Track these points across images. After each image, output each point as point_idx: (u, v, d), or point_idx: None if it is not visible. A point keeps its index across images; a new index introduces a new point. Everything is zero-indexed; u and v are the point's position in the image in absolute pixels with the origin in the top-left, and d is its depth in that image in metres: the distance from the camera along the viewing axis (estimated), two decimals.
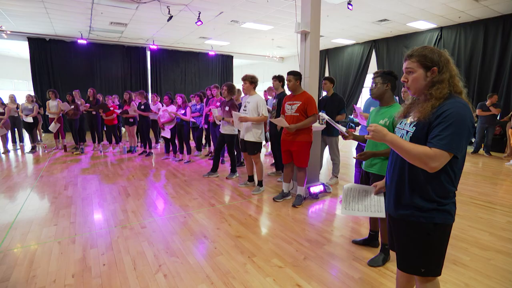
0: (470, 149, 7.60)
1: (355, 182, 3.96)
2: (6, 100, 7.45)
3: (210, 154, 6.73)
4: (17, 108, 7.44)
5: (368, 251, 2.62)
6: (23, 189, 4.41)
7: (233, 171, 5.02)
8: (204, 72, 14.52)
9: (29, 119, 7.22)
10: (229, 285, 2.13)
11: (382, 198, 1.71)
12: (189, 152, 6.23)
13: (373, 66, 11.85)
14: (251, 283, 2.15)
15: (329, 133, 4.50)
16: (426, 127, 1.29)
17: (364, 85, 12.45)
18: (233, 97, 4.85)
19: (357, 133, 2.50)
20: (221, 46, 13.16)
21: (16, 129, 7.64)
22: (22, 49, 11.78)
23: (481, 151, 7.44)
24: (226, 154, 6.21)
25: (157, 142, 8.44)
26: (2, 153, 7.21)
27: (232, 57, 15.09)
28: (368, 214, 1.73)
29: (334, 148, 4.63)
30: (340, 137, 4.65)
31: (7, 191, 4.32)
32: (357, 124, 10.23)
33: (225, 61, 15.06)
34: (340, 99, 4.47)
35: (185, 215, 3.42)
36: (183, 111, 5.88)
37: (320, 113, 2.61)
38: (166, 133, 6.12)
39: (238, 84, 6.23)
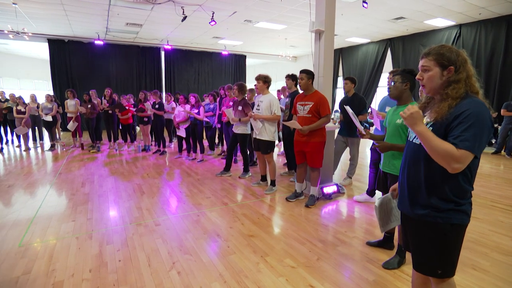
0: (490, 150, 7.35)
1: (369, 183, 3.90)
2: (27, 100, 7.72)
3: (223, 153, 6.77)
4: (37, 107, 7.69)
5: (383, 253, 2.57)
6: (43, 185, 4.55)
7: (245, 170, 5.04)
8: (217, 72, 14.62)
9: (49, 118, 7.46)
10: (242, 284, 2.14)
11: None
12: (202, 151, 6.28)
13: (388, 65, 11.63)
14: (263, 283, 2.15)
15: (352, 134, 4.42)
16: (443, 127, 1.27)
17: (379, 85, 12.23)
18: (246, 96, 4.85)
19: (372, 132, 2.45)
20: (234, 46, 13.21)
21: (36, 127, 7.90)
22: (42, 51, 12.16)
23: (503, 152, 7.19)
24: (238, 154, 6.23)
25: (170, 141, 8.55)
26: (23, 150, 7.47)
27: (245, 56, 15.12)
28: (398, 222, 1.68)
29: (355, 150, 4.56)
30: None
31: (28, 187, 4.47)
32: (371, 124, 10.07)
33: (238, 61, 15.11)
34: (361, 99, 4.38)
35: (198, 214, 3.45)
36: (196, 111, 5.94)
37: (346, 107, 2.55)
38: (182, 132, 6.19)
39: (250, 83, 6.24)
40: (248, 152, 5.35)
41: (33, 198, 4.00)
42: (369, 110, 4.25)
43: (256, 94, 6.03)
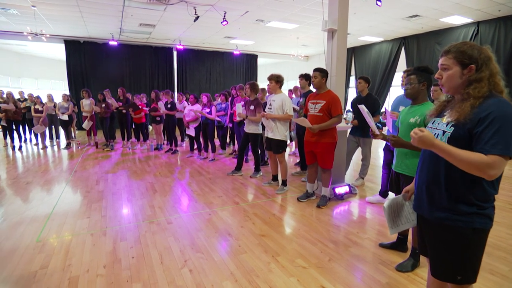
0: None
1: (382, 184, 3.84)
2: (44, 100, 7.94)
3: (234, 153, 6.79)
4: (54, 106, 7.90)
5: (396, 255, 2.53)
6: (59, 183, 4.67)
7: (257, 170, 5.04)
8: (228, 72, 14.68)
9: (65, 117, 7.65)
10: (253, 283, 2.14)
11: None
12: (213, 150, 6.32)
13: (401, 64, 11.42)
14: (275, 283, 2.15)
15: (364, 134, 4.36)
16: (466, 128, 1.21)
17: (392, 84, 12.02)
18: (258, 96, 4.85)
19: (384, 133, 2.41)
20: (246, 46, 13.23)
21: (53, 126, 8.12)
22: (59, 51, 12.48)
23: None
24: (250, 153, 6.24)
25: (182, 140, 8.64)
26: (41, 148, 7.69)
27: (256, 56, 15.13)
28: (411, 225, 1.64)
29: (367, 150, 4.50)
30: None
31: (45, 184, 4.60)
32: (384, 125, 9.91)
33: (250, 60, 15.13)
34: (375, 100, 4.31)
35: (210, 212, 3.47)
36: (208, 110, 5.98)
37: (360, 106, 2.51)
38: (191, 132, 6.25)
39: (262, 83, 6.24)
40: (260, 152, 5.35)
41: (50, 195, 4.11)
42: (383, 110, 4.18)
43: (267, 94, 6.03)
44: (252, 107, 4.65)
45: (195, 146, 6.66)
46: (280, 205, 3.77)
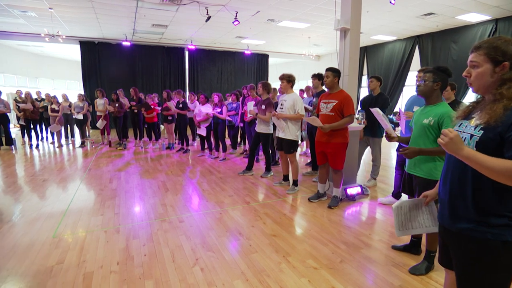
0: None
1: (395, 185, 3.78)
2: (59, 99, 8.14)
3: (244, 152, 6.81)
4: (69, 106, 8.09)
5: (409, 258, 2.48)
6: (74, 180, 4.78)
7: (268, 169, 5.03)
8: (240, 71, 14.73)
9: (80, 116, 7.83)
10: (264, 283, 2.14)
11: (434, 210, 1.54)
12: (224, 150, 6.35)
13: (415, 64, 11.21)
14: (285, 283, 2.14)
15: (374, 134, 4.31)
16: (497, 132, 1.11)
17: (406, 84, 11.81)
18: (269, 95, 4.85)
19: (397, 133, 2.37)
20: (257, 45, 13.24)
21: (68, 125, 8.32)
22: (74, 52, 12.79)
23: None
24: (261, 153, 6.24)
25: (194, 139, 8.71)
26: (57, 147, 7.89)
27: (267, 56, 15.12)
28: (423, 230, 1.58)
29: (377, 150, 4.44)
30: (383, 138, 4.47)
31: (61, 181, 4.71)
32: (397, 125, 9.75)
33: (261, 60, 15.14)
34: (386, 99, 4.25)
35: (221, 212, 3.49)
36: (219, 110, 6.01)
37: (374, 109, 2.46)
38: (202, 131, 6.29)
39: (273, 83, 6.23)
40: (270, 152, 5.35)
41: (65, 192, 4.21)
42: (396, 111, 4.12)
43: (278, 94, 6.02)
44: (263, 107, 4.65)
45: (206, 146, 6.70)
46: (291, 205, 3.76)
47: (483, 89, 1.20)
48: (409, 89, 11.70)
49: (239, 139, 7.63)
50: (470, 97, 7.62)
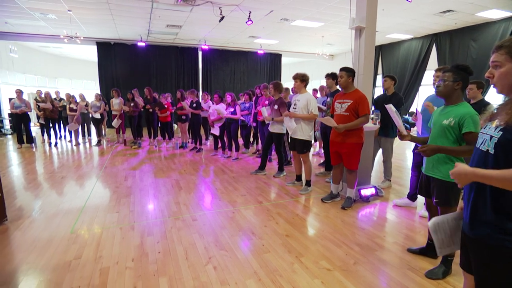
0: None
1: (411, 187, 3.69)
2: (77, 99, 8.37)
3: (257, 152, 6.81)
4: (86, 105, 8.31)
5: (426, 261, 2.43)
6: (91, 178, 4.91)
7: (280, 169, 5.02)
8: (252, 71, 14.74)
9: (97, 115, 8.03)
10: (277, 283, 2.14)
11: None
12: (237, 149, 6.37)
13: (432, 63, 10.92)
14: (298, 283, 2.13)
15: (386, 134, 4.25)
16: None
17: (422, 83, 11.53)
18: (281, 95, 4.83)
19: (413, 134, 2.31)
20: (270, 45, 13.22)
21: (85, 124, 8.54)
22: (91, 53, 13.11)
23: None
24: (273, 153, 6.23)
25: (207, 138, 8.78)
26: (74, 145, 8.11)
27: (280, 55, 15.07)
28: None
29: (389, 150, 4.37)
30: (396, 138, 4.39)
31: (78, 179, 4.84)
32: (412, 125, 9.53)
33: (274, 60, 15.11)
34: (400, 99, 4.17)
35: (233, 211, 3.50)
36: (232, 109, 6.03)
37: (388, 106, 2.41)
38: (215, 131, 6.33)
39: (285, 82, 6.21)
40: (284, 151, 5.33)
41: (82, 189, 4.33)
42: (413, 111, 4.03)
43: (291, 94, 5.99)
44: (276, 107, 4.64)
45: (219, 145, 6.74)
46: (303, 206, 3.74)
47: (507, 89, 1.16)
48: (426, 89, 11.42)
49: (251, 139, 7.64)
50: (492, 95, 7.36)
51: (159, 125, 8.09)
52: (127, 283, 2.13)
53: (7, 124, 10.66)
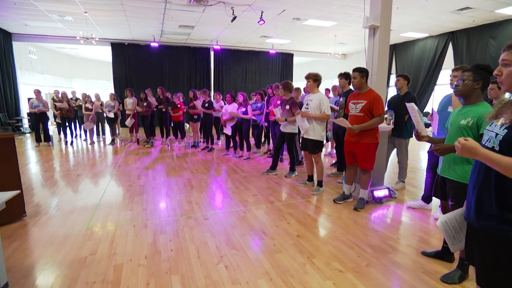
0: None
1: (425, 189, 3.61)
2: (93, 99, 8.56)
3: (268, 152, 6.81)
4: (101, 105, 8.48)
5: (441, 265, 2.37)
6: (105, 176, 5.01)
7: (292, 169, 5.00)
8: (264, 71, 14.74)
9: (111, 115, 8.19)
10: (288, 283, 2.13)
11: None
12: (248, 149, 6.38)
13: (448, 62, 10.65)
14: (310, 284, 2.12)
15: (400, 134, 4.18)
16: None
17: (437, 83, 11.27)
18: (293, 94, 4.81)
19: (429, 134, 2.26)
20: (282, 45, 13.19)
21: (99, 123, 8.72)
22: (105, 54, 13.38)
23: None
24: (285, 153, 6.21)
25: (218, 138, 8.84)
26: (89, 144, 8.30)
27: (292, 55, 15.01)
28: None
29: (404, 151, 4.29)
30: (410, 139, 4.31)
31: (93, 177, 4.95)
32: (427, 126, 9.32)
33: (285, 59, 15.07)
34: (413, 98, 4.09)
35: (245, 210, 3.51)
36: (244, 109, 6.04)
37: (410, 104, 2.36)
38: (228, 130, 6.36)
39: (297, 82, 6.16)
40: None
41: (97, 187, 4.42)
42: (428, 111, 3.95)
43: (302, 93, 5.96)
44: (287, 107, 4.62)
45: (231, 144, 6.77)
46: (315, 206, 3.71)
47: None
48: (441, 88, 11.16)
49: (263, 139, 7.64)
50: None
51: (172, 125, 8.18)
52: (140, 280, 2.16)
53: (26, 123, 11.01)
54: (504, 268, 1.19)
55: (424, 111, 11.30)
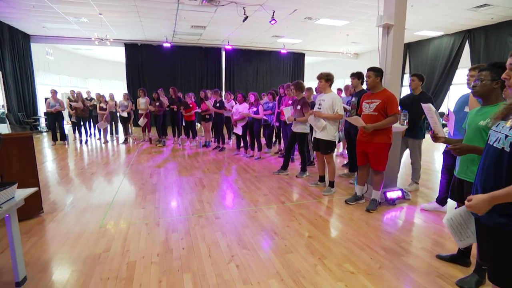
0: None
1: (440, 191, 3.53)
2: (107, 98, 8.72)
3: (279, 152, 6.79)
4: (115, 104, 8.64)
5: (457, 270, 2.31)
6: (118, 175, 5.10)
7: (303, 170, 4.97)
8: (275, 71, 14.70)
9: (125, 114, 8.33)
10: (299, 284, 2.12)
11: None
12: (259, 149, 6.39)
13: (464, 60, 10.37)
14: (321, 285, 2.10)
15: (413, 135, 4.10)
16: None
17: (453, 82, 10.99)
18: (304, 94, 4.78)
19: (445, 135, 2.21)
20: (293, 44, 13.12)
21: (113, 122, 8.89)
22: (119, 54, 13.63)
23: None
24: (296, 153, 6.19)
25: (229, 138, 8.87)
26: (103, 142, 8.47)
27: (303, 54, 14.92)
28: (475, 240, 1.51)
29: (417, 152, 4.20)
30: (424, 140, 4.22)
31: (107, 175, 5.05)
32: (443, 126, 9.11)
33: (297, 59, 14.99)
34: (429, 98, 3.99)
35: (256, 210, 3.51)
36: (255, 109, 6.05)
37: (427, 105, 2.31)
38: (238, 130, 6.38)
39: (308, 82, 6.13)
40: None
41: (111, 185, 4.50)
42: (443, 111, 3.86)
43: (314, 93, 5.91)
44: (298, 107, 4.60)
45: (242, 144, 6.79)
46: (326, 207, 3.68)
47: None
48: (457, 88, 10.88)
49: (274, 139, 7.62)
50: None
51: (183, 124, 8.26)
52: (152, 277, 2.19)
53: (43, 122, 11.32)
54: None
55: (439, 111, 11.05)
